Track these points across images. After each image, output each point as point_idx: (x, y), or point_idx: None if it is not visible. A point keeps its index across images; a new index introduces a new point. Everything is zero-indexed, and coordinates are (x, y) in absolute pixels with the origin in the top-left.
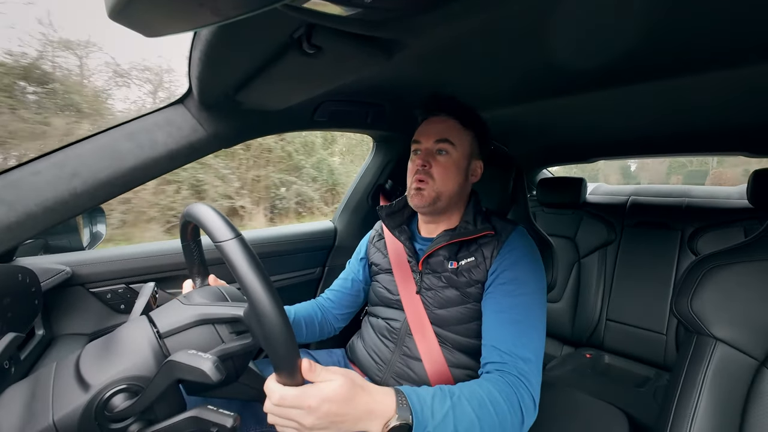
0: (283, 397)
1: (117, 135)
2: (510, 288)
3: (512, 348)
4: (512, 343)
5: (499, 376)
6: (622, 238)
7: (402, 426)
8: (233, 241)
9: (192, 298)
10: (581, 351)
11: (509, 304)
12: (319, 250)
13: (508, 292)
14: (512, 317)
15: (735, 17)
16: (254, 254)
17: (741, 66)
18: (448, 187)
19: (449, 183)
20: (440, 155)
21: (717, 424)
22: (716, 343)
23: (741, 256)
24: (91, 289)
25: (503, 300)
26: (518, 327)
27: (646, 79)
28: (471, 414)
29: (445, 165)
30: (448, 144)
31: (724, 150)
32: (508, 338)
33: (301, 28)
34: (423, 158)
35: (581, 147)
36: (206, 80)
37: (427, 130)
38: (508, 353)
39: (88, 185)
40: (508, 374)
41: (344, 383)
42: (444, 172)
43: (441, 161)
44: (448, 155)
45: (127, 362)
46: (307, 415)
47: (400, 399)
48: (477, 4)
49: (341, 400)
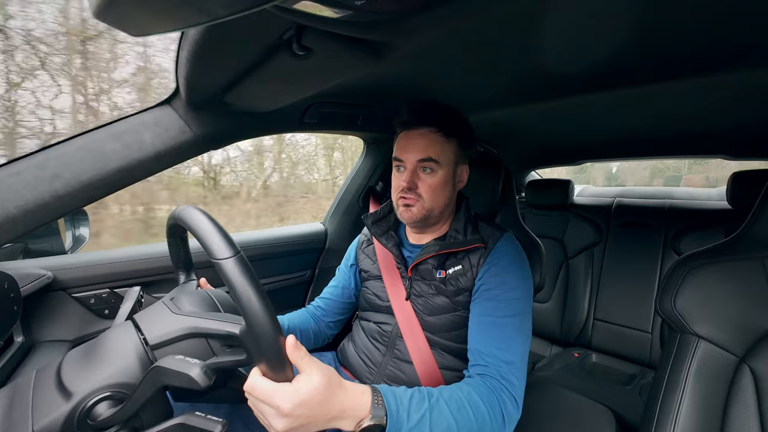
0: (253, 387)
1: (101, 135)
2: (494, 293)
3: (494, 351)
4: (494, 346)
5: (481, 381)
6: (608, 239)
7: (375, 426)
8: (232, 260)
9: (182, 304)
10: (569, 350)
11: (492, 307)
12: (310, 253)
13: (492, 297)
14: (495, 320)
15: (715, 24)
16: (254, 273)
17: (720, 72)
18: (438, 202)
19: (438, 199)
20: (425, 172)
21: (700, 419)
22: (699, 340)
23: (720, 256)
24: (74, 294)
25: (487, 304)
26: (501, 330)
27: (630, 83)
28: (449, 417)
29: (431, 183)
30: (432, 162)
31: (705, 153)
32: (490, 341)
33: (291, 29)
34: (408, 179)
35: (568, 149)
36: (194, 81)
37: (408, 146)
38: (490, 356)
39: (71, 187)
40: (489, 378)
41: (321, 384)
42: (431, 191)
43: (427, 180)
44: (434, 172)
45: (111, 368)
46: (277, 418)
47: (376, 398)
48: (466, 7)
49: (316, 403)
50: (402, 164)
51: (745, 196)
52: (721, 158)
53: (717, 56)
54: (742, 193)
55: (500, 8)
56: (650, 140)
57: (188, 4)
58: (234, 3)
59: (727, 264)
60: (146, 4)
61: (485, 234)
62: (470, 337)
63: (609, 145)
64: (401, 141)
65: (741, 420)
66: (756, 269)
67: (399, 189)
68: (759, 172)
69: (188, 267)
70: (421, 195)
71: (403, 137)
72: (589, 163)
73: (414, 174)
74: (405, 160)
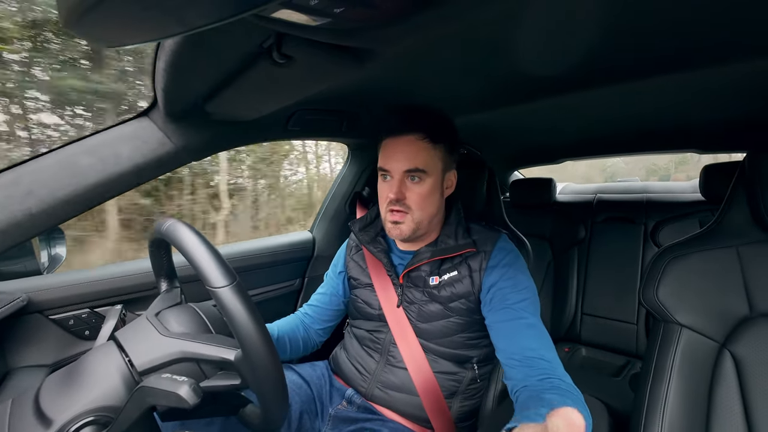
0: None
1: (77, 150)
2: (514, 296)
3: (541, 353)
4: (539, 347)
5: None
6: (592, 234)
7: None
8: (229, 288)
9: (169, 324)
10: (560, 346)
11: (520, 309)
12: (298, 261)
13: (514, 300)
14: (527, 322)
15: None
16: (251, 301)
17: (692, 70)
18: (427, 212)
19: (428, 209)
20: (413, 182)
21: (687, 405)
22: (681, 329)
23: (697, 246)
24: (51, 316)
25: (512, 308)
26: (535, 331)
27: (606, 83)
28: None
29: (420, 193)
30: (419, 172)
31: (678, 147)
32: (532, 345)
33: (271, 37)
34: (396, 191)
35: (549, 149)
36: (173, 91)
37: (395, 155)
38: (541, 359)
39: (45, 204)
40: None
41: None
42: (420, 201)
43: (416, 189)
44: (422, 181)
45: (94, 392)
46: None
47: None
48: (444, 14)
49: None
50: (388, 173)
51: (717, 187)
52: (692, 152)
53: (688, 55)
54: (713, 184)
55: (477, 13)
56: (625, 137)
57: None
58: (211, 12)
59: (704, 254)
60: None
61: (479, 236)
62: (505, 343)
63: (589, 143)
64: (386, 149)
65: (725, 403)
66: (731, 257)
67: (387, 200)
68: (729, 164)
69: (171, 275)
70: (410, 206)
71: (388, 145)
72: (569, 161)
73: (401, 184)
74: (391, 170)
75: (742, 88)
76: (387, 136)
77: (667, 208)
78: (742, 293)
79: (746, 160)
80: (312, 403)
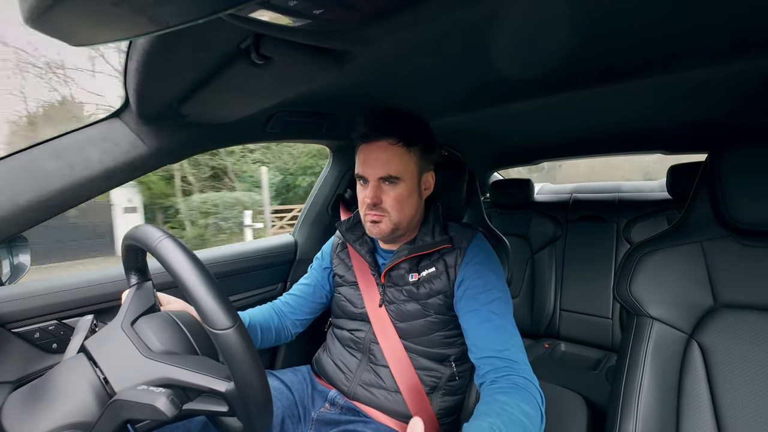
0: None
1: (41, 153)
2: (484, 297)
3: (506, 353)
4: (504, 348)
5: (512, 384)
6: (567, 232)
7: None
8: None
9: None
10: (540, 342)
11: (488, 310)
12: (280, 266)
13: (483, 299)
14: (495, 323)
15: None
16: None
17: (657, 74)
18: (405, 214)
19: (405, 210)
20: (388, 185)
21: (659, 395)
22: (653, 322)
23: (666, 242)
24: (14, 329)
25: (481, 309)
26: (501, 331)
27: (581, 86)
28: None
29: (395, 196)
30: (394, 178)
31: (646, 149)
32: (498, 344)
33: (249, 38)
34: (372, 195)
35: (527, 150)
36: (146, 92)
37: (369, 161)
38: (505, 358)
39: (6, 211)
40: (516, 377)
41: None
42: (397, 204)
43: (391, 192)
44: (397, 186)
45: (62, 408)
46: None
47: None
48: (422, 16)
49: None
50: (364, 179)
51: (682, 186)
52: (660, 153)
53: (655, 61)
54: (679, 184)
55: (455, 16)
56: (599, 139)
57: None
58: (186, 11)
59: (672, 249)
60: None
61: (456, 234)
62: (475, 344)
63: (564, 145)
64: (362, 155)
65: (694, 391)
66: (696, 252)
67: (364, 205)
68: (693, 164)
69: (143, 269)
70: (387, 210)
71: (363, 150)
72: (546, 162)
73: (377, 189)
74: (366, 176)
75: (704, 92)
76: (361, 143)
77: (637, 206)
78: (706, 286)
79: (707, 159)
80: (294, 408)
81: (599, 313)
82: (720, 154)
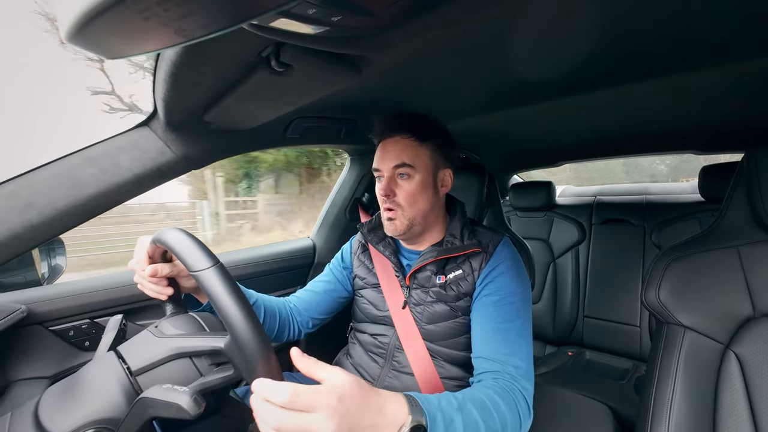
0: (297, 393)
1: (76, 161)
2: (495, 298)
3: (502, 356)
4: (501, 352)
5: (494, 381)
6: (591, 236)
7: (416, 428)
8: (211, 270)
9: (165, 329)
10: (563, 349)
11: (495, 314)
12: (299, 269)
13: (494, 303)
14: (498, 326)
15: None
16: (234, 282)
17: (689, 71)
18: (418, 209)
19: (418, 204)
20: (402, 179)
21: (693, 409)
22: (685, 330)
23: (699, 247)
24: (51, 327)
25: (489, 311)
26: (506, 335)
27: (602, 85)
28: (477, 417)
29: (409, 189)
30: (406, 167)
31: (675, 149)
32: (496, 348)
33: (269, 46)
34: (385, 187)
35: (548, 152)
36: (172, 101)
37: (384, 155)
38: (499, 361)
39: (45, 216)
40: (501, 379)
41: (353, 380)
42: (410, 197)
43: (404, 186)
44: (410, 178)
45: (94, 404)
46: (326, 421)
47: (410, 400)
48: (439, 21)
49: (358, 398)
50: (380, 173)
51: (715, 188)
52: (691, 153)
53: (684, 57)
54: (712, 185)
55: (471, 19)
56: (624, 139)
57: (164, 25)
58: (210, 23)
59: (706, 254)
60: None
61: (483, 238)
62: (475, 346)
63: (586, 146)
64: (378, 152)
65: (731, 405)
66: (732, 257)
67: (380, 199)
68: (727, 165)
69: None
70: (400, 203)
71: (379, 148)
72: (567, 164)
73: (391, 181)
74: (381, 169)
75: (739, 89)
76: (378, 141)
77: (666, 209)
78: (744, 294)
79: (744, 159)
80: None
81: (626, 321)
82: (759, 153)
